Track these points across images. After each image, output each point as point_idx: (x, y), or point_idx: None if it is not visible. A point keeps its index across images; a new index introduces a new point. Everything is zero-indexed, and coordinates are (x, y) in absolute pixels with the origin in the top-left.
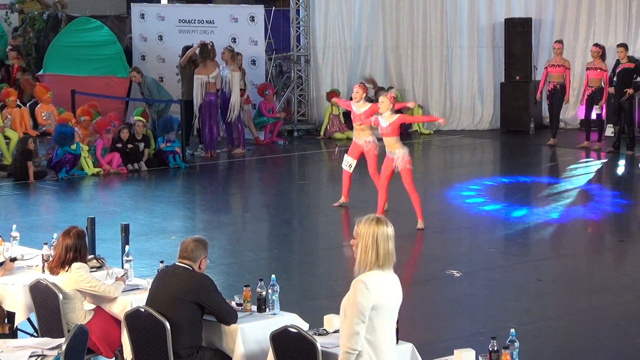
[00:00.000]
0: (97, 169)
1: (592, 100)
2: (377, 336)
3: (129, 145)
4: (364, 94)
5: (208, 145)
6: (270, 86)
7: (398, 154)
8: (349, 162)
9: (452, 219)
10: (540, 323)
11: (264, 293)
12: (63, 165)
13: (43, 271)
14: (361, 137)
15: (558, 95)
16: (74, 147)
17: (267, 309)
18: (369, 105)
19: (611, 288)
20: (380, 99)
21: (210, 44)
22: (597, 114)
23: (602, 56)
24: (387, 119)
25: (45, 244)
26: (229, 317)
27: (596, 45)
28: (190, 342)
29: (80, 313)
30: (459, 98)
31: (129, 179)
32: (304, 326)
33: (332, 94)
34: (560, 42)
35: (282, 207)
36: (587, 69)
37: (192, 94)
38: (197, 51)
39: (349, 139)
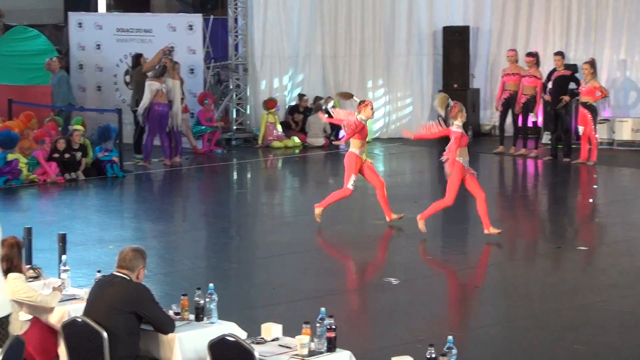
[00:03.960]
0: (33, 176)
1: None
2: None
3: (66, 155)
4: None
5: (149, 155)
6: (210, 95)
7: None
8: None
9: (389, 227)
10: (478, 330)
11: (201, 302)
12: (2, 175)
13: None
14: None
15: (512, 104)
16: (13, 156)
17: (205, 318)
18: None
19: (548, 295)
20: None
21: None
22: (533, 122)
23: (537, 64)
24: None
25: None
26: (167, 326)
27: (529, 55)
28: (128, 351)
29: (16, 324)
30: (398, 106)
31: (66, 188)
32: (242, 335)
33: (270, 102)
34: (514, 50)
35: (220, 216)
36: (504, 75)
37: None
38: (162, 58)
39: (287, 148)
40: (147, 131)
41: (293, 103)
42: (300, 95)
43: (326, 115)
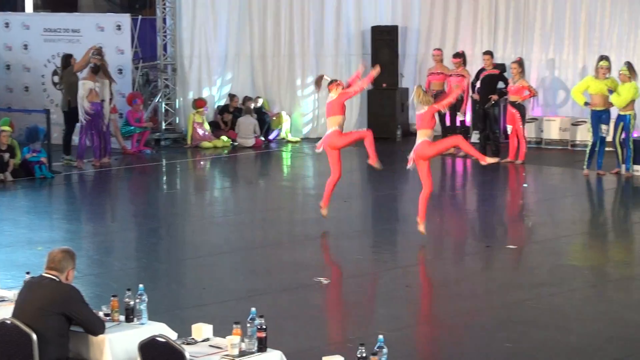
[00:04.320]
0: None
1: (452, 106)
2: None
3: None
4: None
5: (83, 154)
6: (139, 95)
7: None
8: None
9: (320, 227)
10: (409, 329)
11: (131, 303)
12: None
13: None
14: None
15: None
16: None
17: (135, 319)
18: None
19: (478, 293)
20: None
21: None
22: (461, 121)
23: (464, 63)
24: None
25: None
26: (97, 327)
27: (455, 56)
28: (58, 353)
29: None
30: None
31: None
32: (173, 335)
33: (199, 102)
34: (439, 49)
35: (149, 217)
36: (429, 74)
37: (76, 101)
38: (90, 57)
39: (216, 148)
40: (80, 131)
41: (222, 103)
42: (231, 96)
43: None
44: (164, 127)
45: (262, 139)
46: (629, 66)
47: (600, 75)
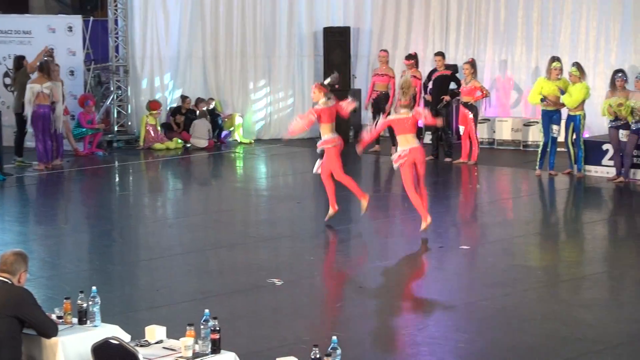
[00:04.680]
0: None
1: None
2: None
3: None
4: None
5: (42, 157)
6: (91, 97)
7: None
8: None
9: (272, 228)
10: (362, 330)
11: (84, 305)
12: None
13: None
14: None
15: (382, 104)
16: None
17: (88, 321)
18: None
19: (432, 294)
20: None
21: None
22: None
23: (416, 65)
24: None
25: None
26: (50, 330)
27: (407, 57)
28: (10, 356)
29: None
30: (280, 107)
31: None
32: (126, 337)
33: (154, 104)
34: (385, 50)
35: (102, 219)
36: (374, 75)
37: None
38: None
39: (169, 149)
40: (34, 134)
41: (174, 104)
42: (183, 97)
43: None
44: (116, 129)
45: (215, 140)
46: (579, 66)
47: (553, 76)
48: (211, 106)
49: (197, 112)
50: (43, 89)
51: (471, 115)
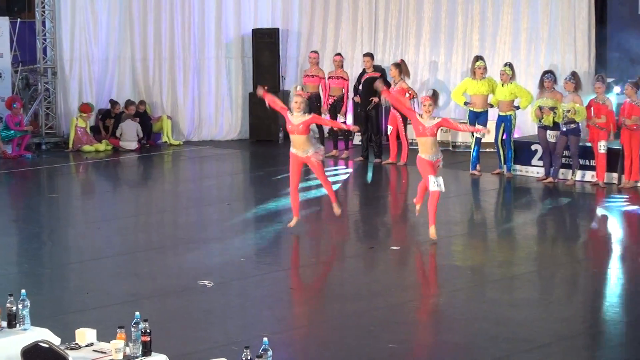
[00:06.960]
0: None
1: (335, 109)
2: None
3: None
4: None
5: None
6: (18, 99)
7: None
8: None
9: (202, 230)
10: (293, 331)
11: (14, 308)
12: None
13: None
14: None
15: (314, 106)
16: None
17: (18, 325)
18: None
19: (363, 294)
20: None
21: None
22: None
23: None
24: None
25: None
26: None
27: (339, 54)
28: None
29: None
30: (208, 109)
31: None
32: (56, 341)
33: (85, 107)
34: (315, 52)
35: (31, 221)
36: (304, 76)
37: None
38: None
39: (98, 151)
40: None
41: (103, 107)
42: (113, 103)
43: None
44: (44, 131)
45: (145, 142)
46: (511, 66)
47: (478, 76)
48: (141, 110)
49: (124, 114)
50: None
51: (400, 117)
